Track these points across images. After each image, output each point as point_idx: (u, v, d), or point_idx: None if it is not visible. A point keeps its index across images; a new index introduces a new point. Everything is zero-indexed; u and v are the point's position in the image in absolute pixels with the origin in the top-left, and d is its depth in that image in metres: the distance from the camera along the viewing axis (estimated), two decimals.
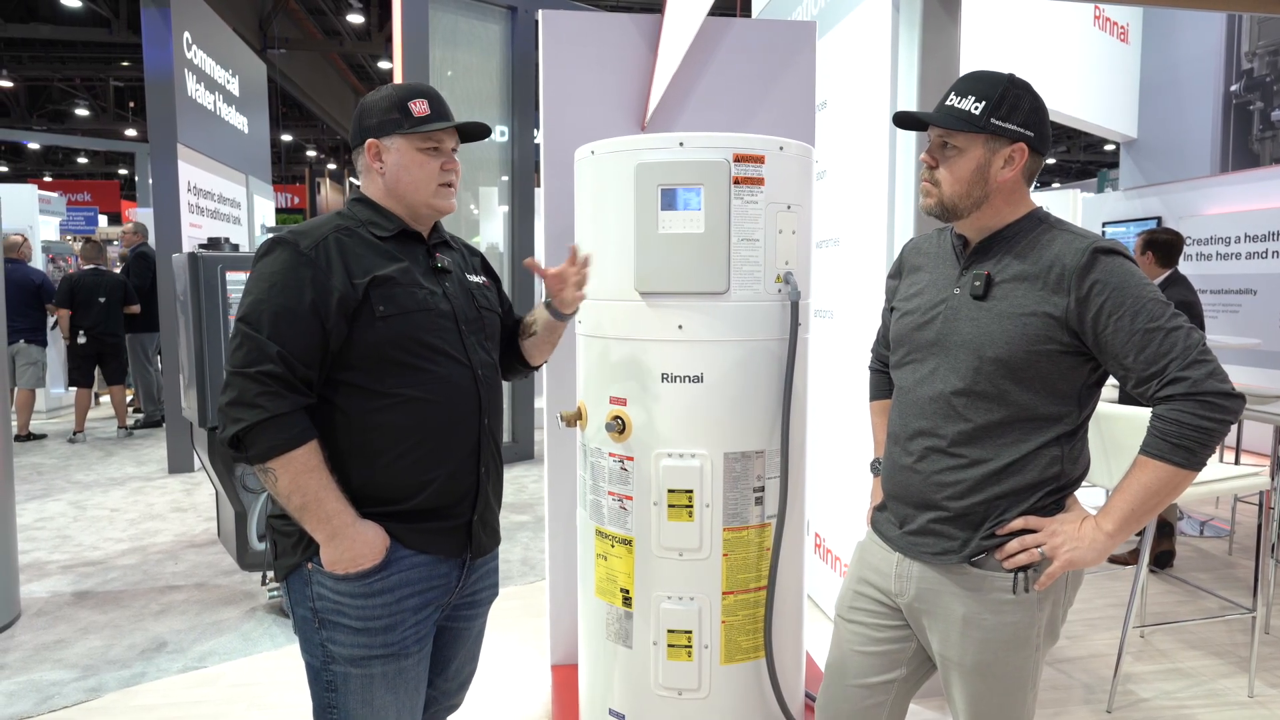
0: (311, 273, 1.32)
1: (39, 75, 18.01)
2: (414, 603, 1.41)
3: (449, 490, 1.44)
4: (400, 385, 1.37)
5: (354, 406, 1.36)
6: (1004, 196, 1.38)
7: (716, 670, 1.90)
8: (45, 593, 3.56)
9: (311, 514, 1.30)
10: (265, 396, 1.27)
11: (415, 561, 1.41)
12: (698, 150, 1.79)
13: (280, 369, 1.28)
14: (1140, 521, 1.30)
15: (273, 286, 1.31)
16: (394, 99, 1.44)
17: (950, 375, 1.40)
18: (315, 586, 1.37)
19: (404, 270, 1.41)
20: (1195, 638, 3.06)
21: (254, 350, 1.28)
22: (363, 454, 1.37)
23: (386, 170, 1.45)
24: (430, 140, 1.45)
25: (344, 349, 1.35)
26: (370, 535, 1.35)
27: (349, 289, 1.33)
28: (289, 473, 1.28)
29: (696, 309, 1.82)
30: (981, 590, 1.38)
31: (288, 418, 1.28)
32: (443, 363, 1.42)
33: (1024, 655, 1.39)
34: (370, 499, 1.38)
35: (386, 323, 1.35)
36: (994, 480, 1.37)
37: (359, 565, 1.34)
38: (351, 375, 1.36)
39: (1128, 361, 1.27)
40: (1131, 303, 1.26)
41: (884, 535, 1.53)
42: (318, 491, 1.30)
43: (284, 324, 1.29)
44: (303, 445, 1.29)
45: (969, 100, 1.35)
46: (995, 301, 1.36)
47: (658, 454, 1.85)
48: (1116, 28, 6.33)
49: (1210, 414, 1.23)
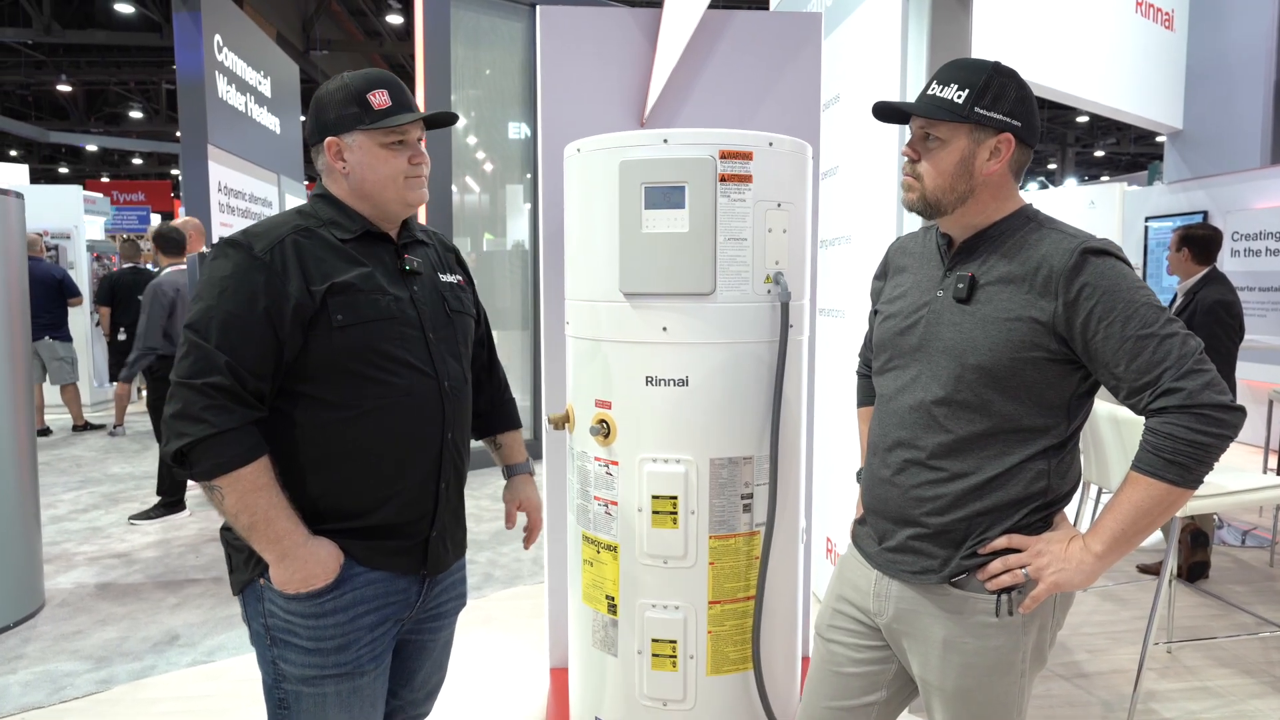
0: (265, 278, 1.24)
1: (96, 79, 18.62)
2: (369, 620, 1.35)
3: (408, 507, 1.37)
4: (359, 398, 1.30)
5: (310, 419, 1.29)
6: (990, 191, 1.30)
7: (703, 681, 1.85)
8: (70, 584, 3.65)
9: (260, 534, 1.24)
10: (211, 410, 1.20)
11: (370, 578, 1.35)
12: (682, 147, 1.74)
13: (228, 381, 1.21)
14: (1132, 543, 1.22)
15: (223, 292, 1.24)
16: (351, 91, 1.34)
17: (931, 383, 1.32)
18: (267, 603, 1.32)
19: (366, 276, 1.33)
20: (1227, 655, 2.91)
21: (201, 360, 1.21)
22: (318, 468, 1.31)
23: (350, 169, 1.36)
24: (394, 134, 1.35)
25: (300, 359, 1.27)
26: (323, 554, 1.29)
27: (305, 296, 1.26)
28: (236, 491, 1.22)
29: (681, 310, 1.77)
30: (963, 613, 1.31)
31: (235, 433, 1.21)
32: (405, 374, 1.35)
33: (1008, 681, 1.31)
34: (325, 514, 1.32)
35: (345, 333, 1.28)
36: (975, 495, 1.29)
37: (310, 585, 1.28)
38: (308, 386, 1.29)
39: (1118, 370, 1.19)
40: (1123, 307, 1.18)
41: (863, 551, 1.47)
42: (267, 511, 1.23)
43: (234, 333, 1.22)
44: (251, 462, 1.22)
45: (951, 88, 1.28)
46: (979, 305, 1.28)
47: (642, 459, 1.81)
48: (1161, 14, 6.07)
49: (1206, 428, 1.14)
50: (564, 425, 2.01)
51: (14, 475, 3.25)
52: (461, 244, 6.34)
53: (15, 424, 3.27)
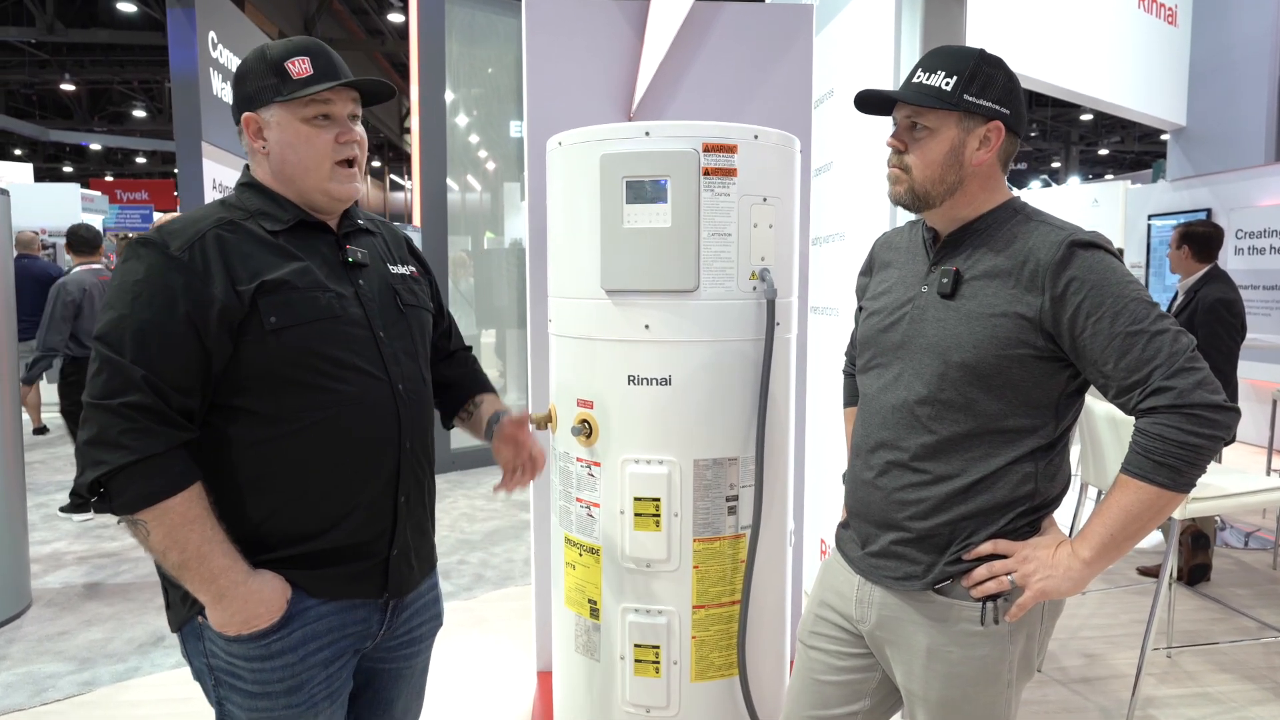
0: (184, 279, 1.10)
1: (99, 78, 18.66)
2: (323, 656, 1.21)
3: (362, 527, 1.23)
4: (302, 408, 1.16)
5: (247, 435, 1.15)
6: (979, 182, 1.26)
7: (687, 688, 1.81)
8: (58, 583, 3.62)
9: (193, 572, 1.09)
10: (131, 434, 1.05)
11: (322, 611, 1.21)
12: (664, 140, 1.70)
13: (149, 399, 1.06)
14: (1122, 549, 1.17)
15: (136, 298, 1.08)
16: (269, 60, 1.19)
17: (914, 382, 1.27)
18: (208, 643, 1.18)
19: (301, 271, 1.18)
20: (1228, 660, 2.86)
21: (115, 377, 1.06)
22: (259, 490, 1.16)
23: (271, 149, 1.20)
24: (316, 105, 1.18)
25: (231, 369, 1.13)
26: (266, 592, 1.14)
27: (232, 298, 1.11)
28: (163, 526, 1.07)
29: (664, 308, 1.73)
30: (947, 620, 1.26)
31: (160, 459, 1.06)
32: (353, 379, 1.20)
33: (994, 692, 1.26)
34: (269, 542, 1.17)
35: (279, 336, 1.13)
36: (960, 499, 1.24)
37: (253, 626, 1.14)
38: (243, 399, 1.14)
39: (1107, 368, 1.15)
40: (1112, 303, 1.13)
41: (846, 555, 1.43)
42: (199, 546, 1.08)
43: (151, 343, 1.07)
44: (180, 492, 1.07)
45: (939, 76, 1.23)
46: (964, 300, 1.24)
47: (624, 460, 1.77)
48: (1164, 10, 6.01)
49: (1199, 429, 1.10)
50: (546, 425, 1.97)
51: (3, 475, 3.22)
52: (461, 243, 6.30)
53: (1, 422, 3.23)
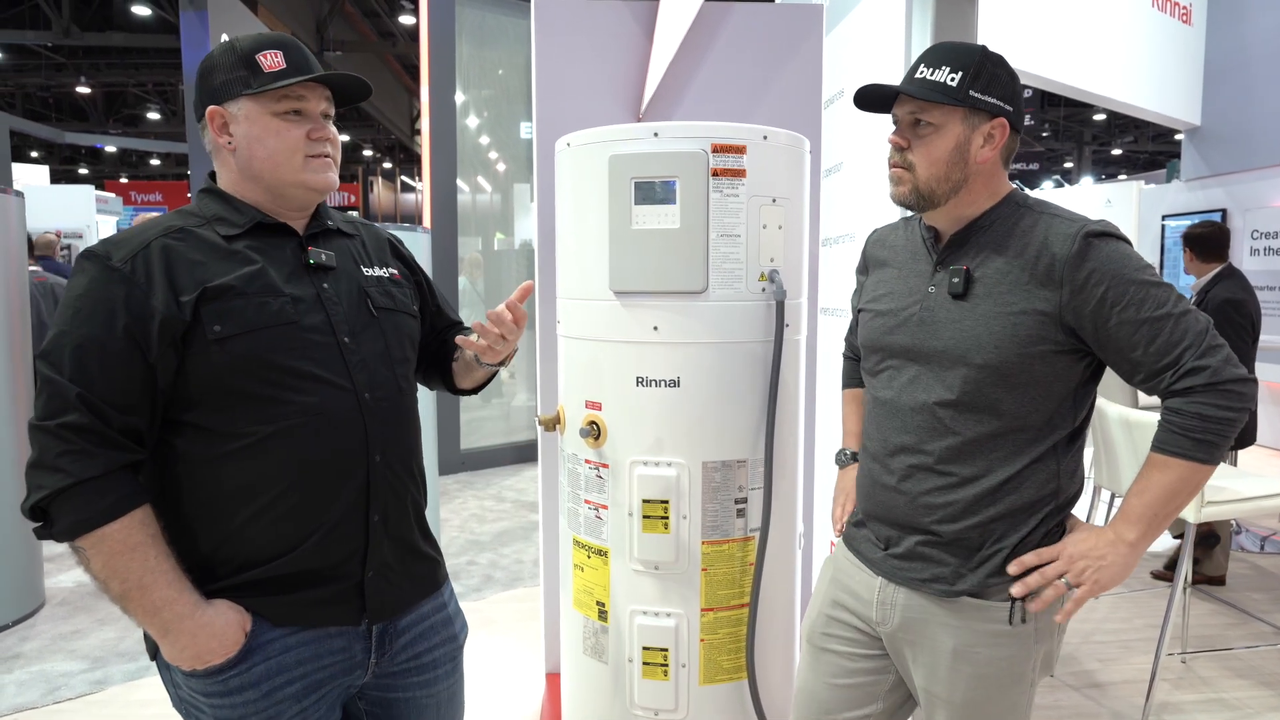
0: (125, 291, 1.04)
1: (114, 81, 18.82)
2: (293, 690, 1.13)
3: (328, 548, 1.15)
4: (255, 422, 1.09)
5: (198, 453, 1.09)
6: (983, 180, 1.26)
7: (695, 691, 1.80)
8: (71, 583, 3.65)
9: (135, 604, 1.03)
10: (68, 456, 1.00)
11: (289, 643, 1.13)
12: (673, 141, 1.69)
13: (85, 418, 1.01)
14: (1162, 527, 1.19)
15: (76, 314, 1.04)
16: (239, 53, 1.15)
17: (934, 384, 1.27)
18: (174, 672, 1.12)
19: (251, 276, 1.11)
20: (1243, 665, 2.83)
21: (54, 397, 1.01)
22: (213, 512, 1.10)
23: (237, 145, 1.15)
24: (288, 100, 1.15)
25: (179, 383, 1.07)
26: (219, 624, 1.07)
27: (173, 309, 1.05)
28: (101, 554, 1.02)
29: (673, 309, 1.72)
30: (975, 621, 1.26)
31: (98, 482, 1.01)
32: (312, 389, 1.13)
33: (1017, 692, 1.27)
34: (224, 568, 1.11)
35: (224, 345, 1.07)
36: (989, 500, 1.24)
37: (206, 661, 1.07)
38: (194, 414, 1.09)
39: (1136, 355, 1.15)
40: (1135, 290, 1.14)
41: (865, 557, 1.41)
42: (141, 577, 1.02)
43: (90, 360, 1.02)
44: (119, 518, 1.02)
45: (943, 71, 1.22)
46: (978, 301, 1.23)
47: (632, 462, 1.76)
48: (1178, 9, 5.96)
49: (1233, 404, 1.12)
50: (554, 427, 1.97)
51: (14, 474, 3.25)
52: (472, 244, 6.31)
53: (16, 422, 3.26)
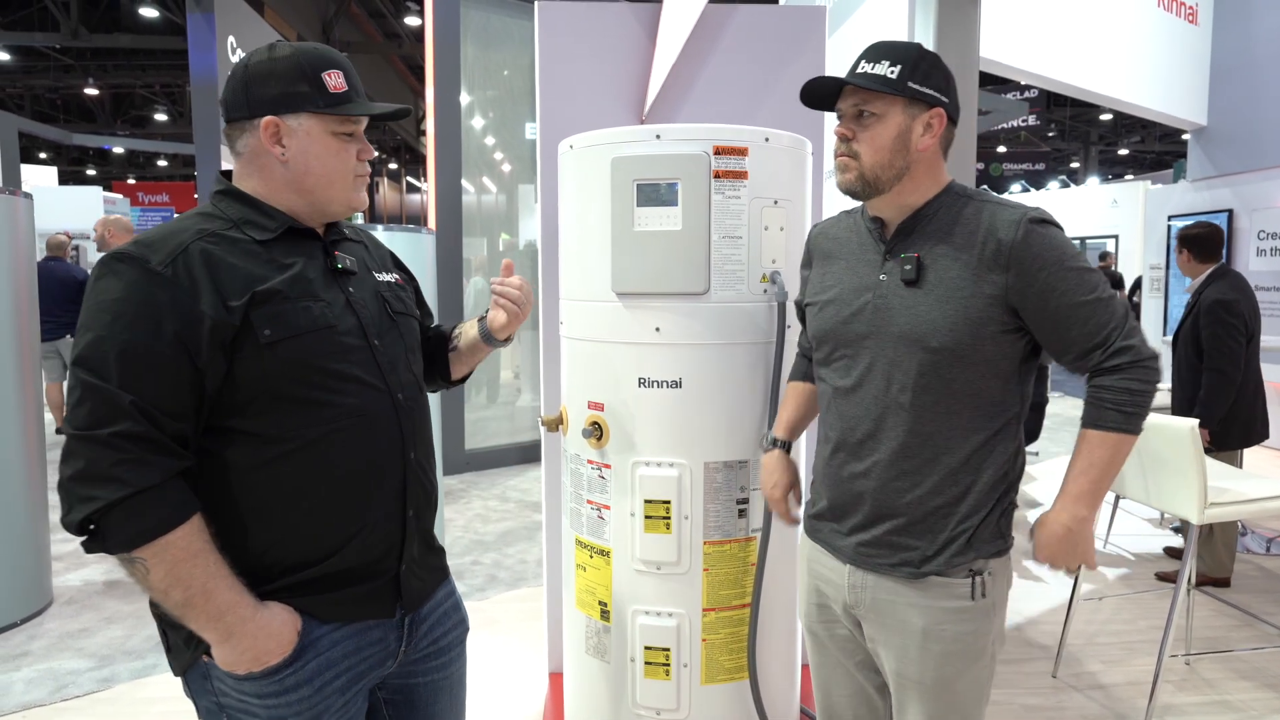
0: (171, 295, 1.03)
1: (122, 83, 18.92)
2: (340, 683, 1.16)
3: (370, 545, 1.17)
4: (303, 426, 1.10)
5: (246, 459, 1.09)
6: (924, 168, 1.32)
7: (696, 691, 1.81)
8: (79, 581, 3.68)
9: (198, 611, 1.02)
10: (125, 466, 0.98)
11: (336, 638, 1.15)
12: (675, 143, 1.70)
13: (141, 426, 0.99)
14: (1103, 496, 1.26)
15: (117, 318, 1.01)
16: (300, 66, 1.14)
17: (892, 371, 1.31)
18: (216, 682, 1.12)
19: (293, 280, 1.12)
20: (1248, 667, 2.82)
21: (102, 405, 0.99)
22: (262, 517, 1.10)
23: (291, 156, 1.15)
24: (350, 123, 1.18)
25: (226, 389, 1.07)
26: (275, 625, 1.08)
27: (223, 313, 1.05)
28: (165, 563, 1.00)
29: (675, 310, 1.73)
30: (942, 599, 1.31)
31: (158, 491, 1.00)
32: (354, 391, 1.15)
33: (980, 666, 1.33)
34: (273, 571, 1.11)
35: (274, 350, 1.07)
36: (951, 481, 1.30)
37: (264, 663, 1.08)
38: (239, 420, 1.08)
39: (1071, 334, 1.25)
40: (1072, 276, 1.24)
41: (831, 546, 1.44)
42: (205, 583, 1.02)
43: (138, 366, 1.00)
44: (181, 525, 1.01)
45: (883, 65, 1.29)
46: (930, 287, 1.29)
47: (634, 462, 1.77)
48: (1184, 9, 5.94)
49: (1152, 379, 1.24)
50: (557, 428, 1.98)
51: (23, 473, 3.28)
52: (477, 245, 6.33)
53: (24, 421, 3.29)
